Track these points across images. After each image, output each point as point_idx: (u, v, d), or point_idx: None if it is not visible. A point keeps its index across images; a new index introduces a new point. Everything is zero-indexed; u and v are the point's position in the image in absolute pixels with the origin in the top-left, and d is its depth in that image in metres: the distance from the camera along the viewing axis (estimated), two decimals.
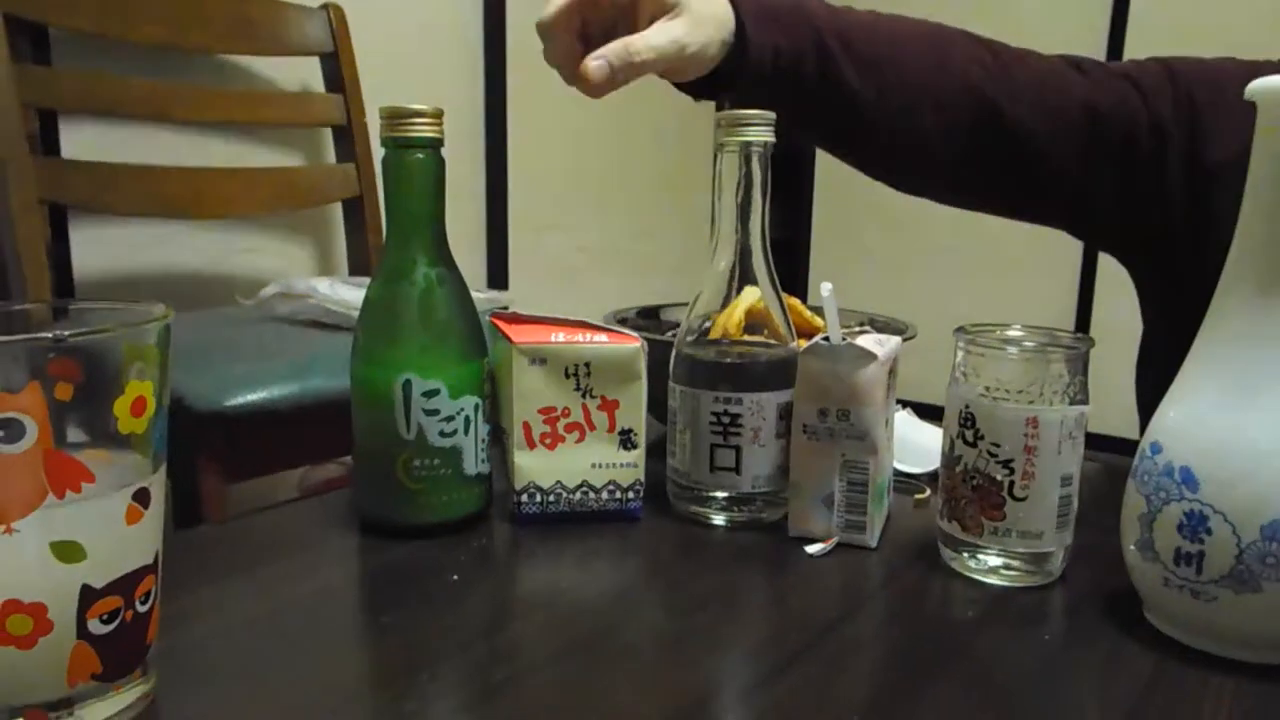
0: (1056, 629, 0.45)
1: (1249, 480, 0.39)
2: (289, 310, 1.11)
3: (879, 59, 0.67)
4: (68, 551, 0.31)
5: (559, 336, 0.53)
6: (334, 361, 0.95)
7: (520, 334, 0.53)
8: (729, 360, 0.55)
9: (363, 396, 0.51)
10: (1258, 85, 0.40)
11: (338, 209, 1.48)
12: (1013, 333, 0.50)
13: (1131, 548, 0.43)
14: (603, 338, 0.54)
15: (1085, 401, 0.48)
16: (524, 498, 0.54)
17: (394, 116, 0.51)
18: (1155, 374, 0.60)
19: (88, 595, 0.32)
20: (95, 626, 0.33)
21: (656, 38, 0.59)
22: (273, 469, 1.05)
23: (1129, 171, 0.69)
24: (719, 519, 0.56)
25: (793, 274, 2.58)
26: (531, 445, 0.53)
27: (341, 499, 0.58)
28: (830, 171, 2.57)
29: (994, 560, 0.49)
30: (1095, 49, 2.18)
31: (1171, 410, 0.43)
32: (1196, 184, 0.67)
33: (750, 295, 0.56)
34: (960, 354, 0.49)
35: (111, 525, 0.33)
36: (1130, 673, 0.41)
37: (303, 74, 1.45)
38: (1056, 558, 0.48)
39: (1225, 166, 0.49)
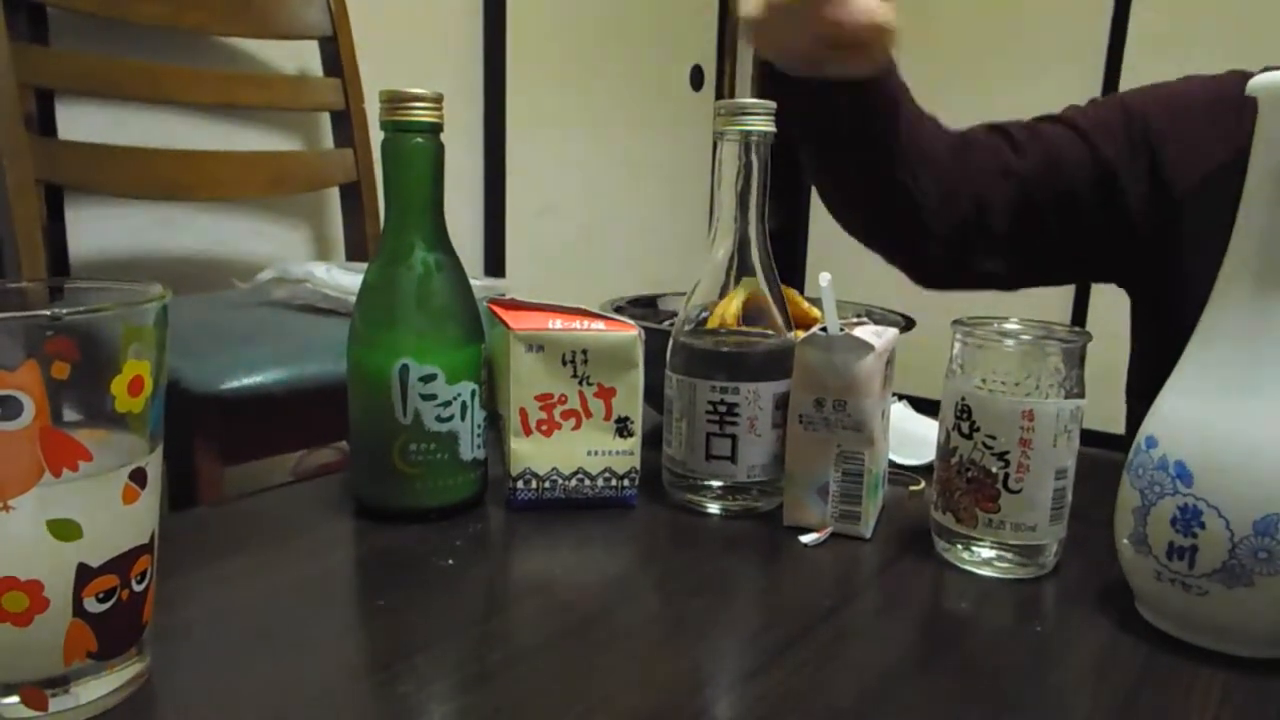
0: (1049, 621, 0.46)
1: (1243, 475, 0.39)
2: (285, 295, 1.10)
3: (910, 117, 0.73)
4: (64, 530, 0.31)
5: (556, 323, 0.53)
6: (330, 346, 0.95)
7: (518, 320, 0.53)
8: (726, 350, 0.55)
9: (359, 380, 0.51)
10: (1259, 82, 0.40)
11: (335, 194, 1.48)
12: (1010, 325, 0.50)
13: (1125, 541, 0.44)
14: (600, 325, 0.54)
15: (1081, 395, 0.48)
16: (519, 484, 0.54)
17: (393, 100, 0.50)
18: (1144, 383, 0.66)
19: (84, 573, 0.32)
20: (91, 605, 0.33)
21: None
22: (268, 453, 1.05)
23: (1072, 222, 0.73)
24: (714, 508, 0.56)
25: (790, 265, 2.58)
26: (528, 431, 0.54)
27: (337, 483, 0.58)
28: None
29: (987, 552, 0.49)
30: (1094, 59, 2.18)
31: (1167, 404, 0.43)
32: (1163, 211, 0.69)
33: (748, 285, 0.56)
34: (957, 346, 0.49)
35: (108, 504, 0.33)
36: (1122, 665, 0.41)
37: (301, 57, 1.44)
38: (1050, 550, 0.49)
39: (1195, 187, 0.52)
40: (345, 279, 1.08)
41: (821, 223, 2.58)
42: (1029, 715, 0.37)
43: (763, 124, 0.54)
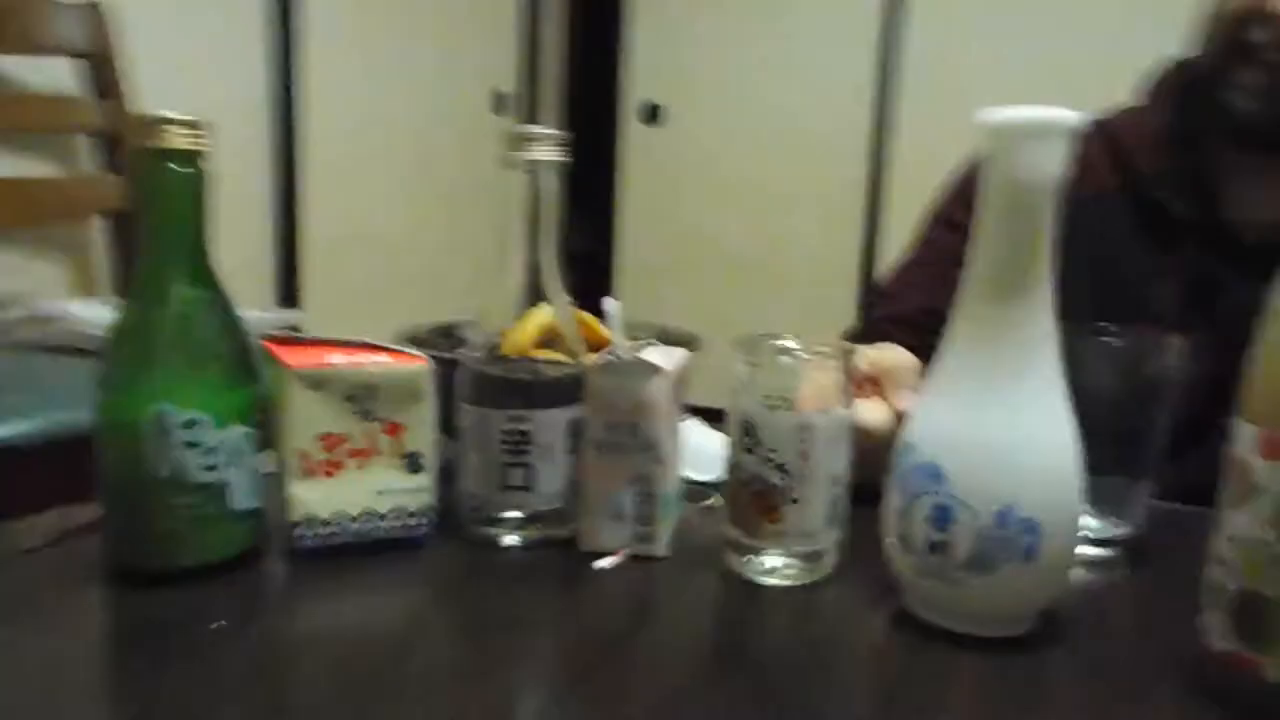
0: (829, 622, 0.48)
1: (984, 472, 0.43)
2: (36, 335, 0.99)
3: None
4: None
5: (337, 359, 0.51)
6: (86, 391, 0.86)
7: (295, 357, 0.50)
8: (519, 377, 0.55)
9: (110, 430, 0.47)
10: (986, 116, 0.44)
11: (99, 224, 1.35)
12: (787, 344, 0.52)
13: (892, 540, 0.47)
14: (385, 358, 0.52)
15: (850, 406, 0.51)
16: (301, 530, 0.51)
17: (148, 124, 0.47)
18: None
19: None
20: None
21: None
22: (11, 514, 0.93)
23: None
24: (512, 539, 0.55)
25: (596, 288, 2.61)
26: (309, 474, 0.51)
27: (92, 546, 0.52)
28: (632, 186, 2.63)
29: (773, 561, 0.51)
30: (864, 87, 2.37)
31: (923, 410, 0.47)
32: None
33: (543, 312, 0.56)
34: (740, 364, 0.51)
35: None
36: (891, 656, 0.44)
37: (62, 76, 1.31)
38: (829, 555, 0.51)
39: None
40: (110, 317, 0.98)
41: (630, 245, 2.64)
42: (811, 714, 0.39)
43: (551, 153, 0.55)
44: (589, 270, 2.69)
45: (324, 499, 0.51)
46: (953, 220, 0.90)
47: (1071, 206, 0.43)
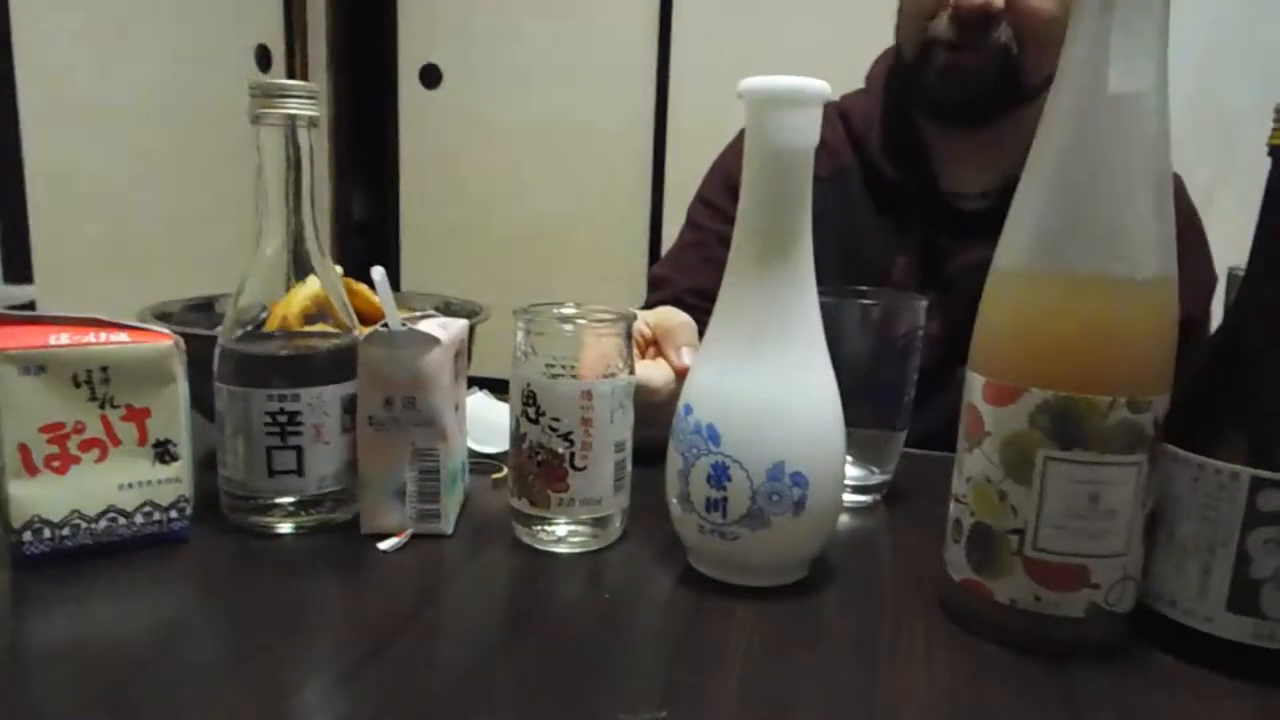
0: (617, 585, 0.49)
1: (757, 431, 0.45)
2: None
3: None
4: None
5: (61, 338, 0.45)
6: None
7: (7, 338, 0.44)
8: (284, 354, 0.51)
9: None
10: (745, 84, 0.45)
11: None
12: (567, 311, 0.52)
13: (674, 501, 0.48)
14: (122, 336, 0.46)
15: (632, 372, 0.51)
16: (27, 536, 0.45)
17: None
18: None
19: None
20: None
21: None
22: None
23: None
24: (285, 527, 0.51)
25: (380, 258, 2.51)
26: (33, 471, 0.44)
27: None
28: (413, 152, 2.53)
29: (561, 530, 0.51)
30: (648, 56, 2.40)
31: (698, 374, 0.48)
32: None
33: (312, 283, 0.52)
34: (520, 334, 0.50)
35: None
36: (677, 613, 0.45)
37: None
38: (616, 520, 0.52)
39: None
40: None
41: (414, 214, 2.54)
42: (602, 674, 0.39)
43: (307, 108, 0.51)
44: (373, 239, 2.56)
45: (53, 499, 0.45)
46: (714, 203, 0.93)
47: (815, 185, 0.45)
